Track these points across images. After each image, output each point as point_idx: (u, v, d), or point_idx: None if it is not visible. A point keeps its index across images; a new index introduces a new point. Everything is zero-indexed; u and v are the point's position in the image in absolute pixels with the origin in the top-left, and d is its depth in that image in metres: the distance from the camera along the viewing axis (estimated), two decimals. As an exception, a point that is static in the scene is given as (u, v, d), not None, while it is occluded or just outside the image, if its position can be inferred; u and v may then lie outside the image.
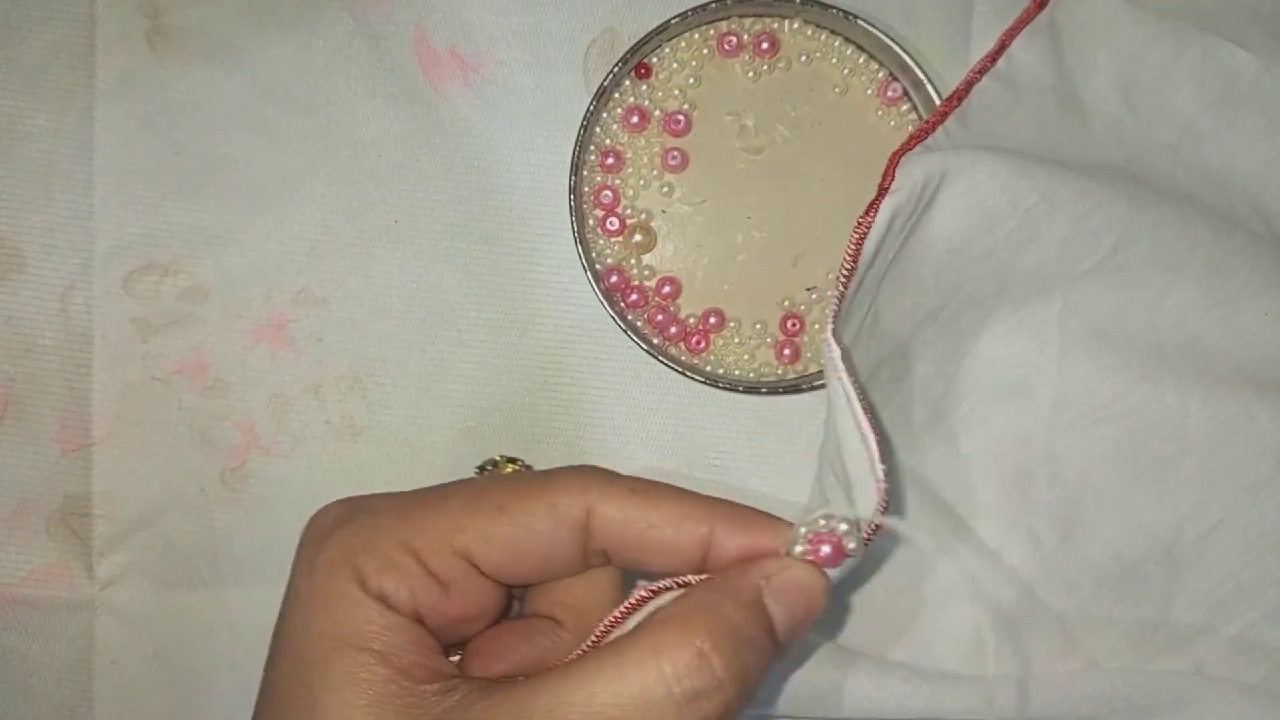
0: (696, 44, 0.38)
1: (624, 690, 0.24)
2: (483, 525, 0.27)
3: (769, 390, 0.38)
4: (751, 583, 0.26)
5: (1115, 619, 0.36)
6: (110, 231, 0.39)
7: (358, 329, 0.40)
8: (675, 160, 0.38)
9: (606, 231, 0.38)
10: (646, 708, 0.24)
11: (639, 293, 0.38)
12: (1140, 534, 0.36)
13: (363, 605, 0.26)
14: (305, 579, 0.27)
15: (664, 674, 0.24)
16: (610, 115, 0.38)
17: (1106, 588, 0.36)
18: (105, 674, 0.40)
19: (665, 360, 0.37)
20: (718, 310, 0.39)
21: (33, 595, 0.40)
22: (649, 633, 0.25)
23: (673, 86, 0.38)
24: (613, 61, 0.38)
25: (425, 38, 0.39)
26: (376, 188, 0.39)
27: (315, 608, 0.27)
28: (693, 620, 0.25)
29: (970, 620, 0.36)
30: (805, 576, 0.26)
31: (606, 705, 0.24)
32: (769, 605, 0.26)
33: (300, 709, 0.26)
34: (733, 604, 0.26)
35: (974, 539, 0.36)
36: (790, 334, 0.38)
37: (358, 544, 0.27)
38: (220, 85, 0.39)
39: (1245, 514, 0.36)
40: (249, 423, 0.40)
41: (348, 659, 0.26)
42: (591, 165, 0.38)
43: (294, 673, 0.26)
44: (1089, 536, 0.36)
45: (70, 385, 0.39)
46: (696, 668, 0.24)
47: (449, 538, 0.27)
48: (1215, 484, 0.35)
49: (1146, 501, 0.36)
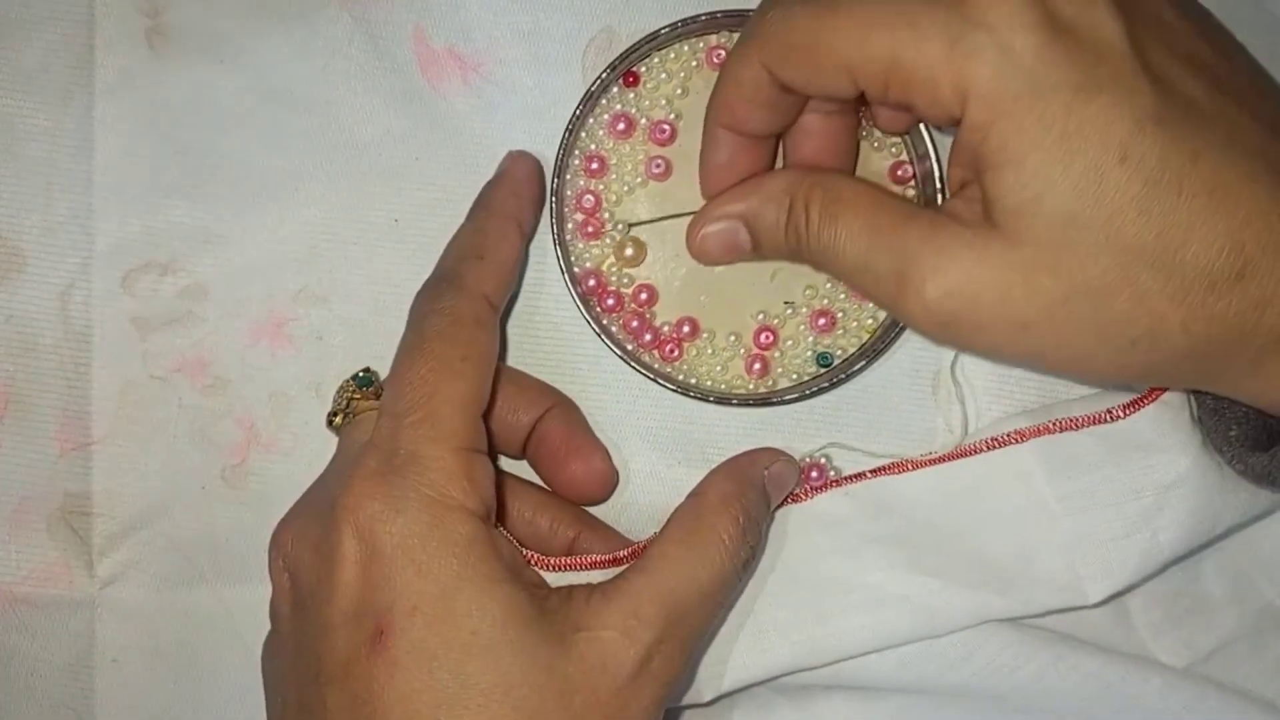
0: (686, 55, 0.38)
1: (703, 564, 0.32)
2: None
3: (739, 402, 0.38)
4: (759, 472, 0.35)
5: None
6: (110, 230, 0.39)
7: (358, 327, 0.40)
8: (659, 168, 0.38)
9: (586, 235, 0.39)
10: (725, 576, 0.33)
11: (616, 298, 0.39)
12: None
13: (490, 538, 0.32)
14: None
15: (726, 545, 0.33)
16: (597, 121, 0.38)
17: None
18: (106, 671, 0.40)
19: (637, 366, 0.38)
20: (692, 320, 0.39)
21: (33, 593, 0.40)
22: (697, 518, 0.33)
23: (660, 96, 0.39)
24: (610, 61, 0.38)
25: (424, 37, 0.39)
26: (376, 186, 0.40)
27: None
28: (731, 505, 0.34)
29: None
30: (789, 470, 0.37)
31: (696, 576, 0.32)
32: (767, 487, 0.35)
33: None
34: (753, 490, 0.35)
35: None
36: (763, 347, 0.39)
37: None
38: (220, 84, 0.39)
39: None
40: (249, 420, 0.40)
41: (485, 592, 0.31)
42: (575, 169, 0.39)
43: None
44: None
45: (70, 384, 0.40)
46: (743, 537, 0.33)
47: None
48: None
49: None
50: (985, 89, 0.28)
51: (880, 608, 0.36)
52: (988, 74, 0.28)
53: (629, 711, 0.31)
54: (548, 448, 0.38)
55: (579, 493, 0.38)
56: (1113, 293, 0.28)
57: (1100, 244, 0.28)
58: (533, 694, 0.30)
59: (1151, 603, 0.39)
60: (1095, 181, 0.27)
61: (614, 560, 0.34)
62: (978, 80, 0.28)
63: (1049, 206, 0.28)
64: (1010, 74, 0.28)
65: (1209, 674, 0.39)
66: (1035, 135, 0.28)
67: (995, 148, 0.28)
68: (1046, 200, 0.28)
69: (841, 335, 0.39)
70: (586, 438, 0.38)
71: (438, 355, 0.32)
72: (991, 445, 0.37)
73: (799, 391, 0.38)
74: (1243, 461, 0.34)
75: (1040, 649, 0.37)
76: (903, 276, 0.30)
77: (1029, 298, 0.29)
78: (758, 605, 0.37)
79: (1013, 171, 0.28)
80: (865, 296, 0.37)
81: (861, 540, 0.37)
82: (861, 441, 0.39)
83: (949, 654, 0.37)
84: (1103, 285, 0.28)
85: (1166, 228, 0.28)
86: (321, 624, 0.31)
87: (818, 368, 0.38)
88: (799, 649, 0.37)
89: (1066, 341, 0.29)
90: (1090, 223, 0.28)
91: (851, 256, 0.31)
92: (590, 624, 0.31)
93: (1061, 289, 0.28)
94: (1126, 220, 0.28)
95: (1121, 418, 0.36)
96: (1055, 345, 0.30)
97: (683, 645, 0.32)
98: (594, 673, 0.30)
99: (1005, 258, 0.29)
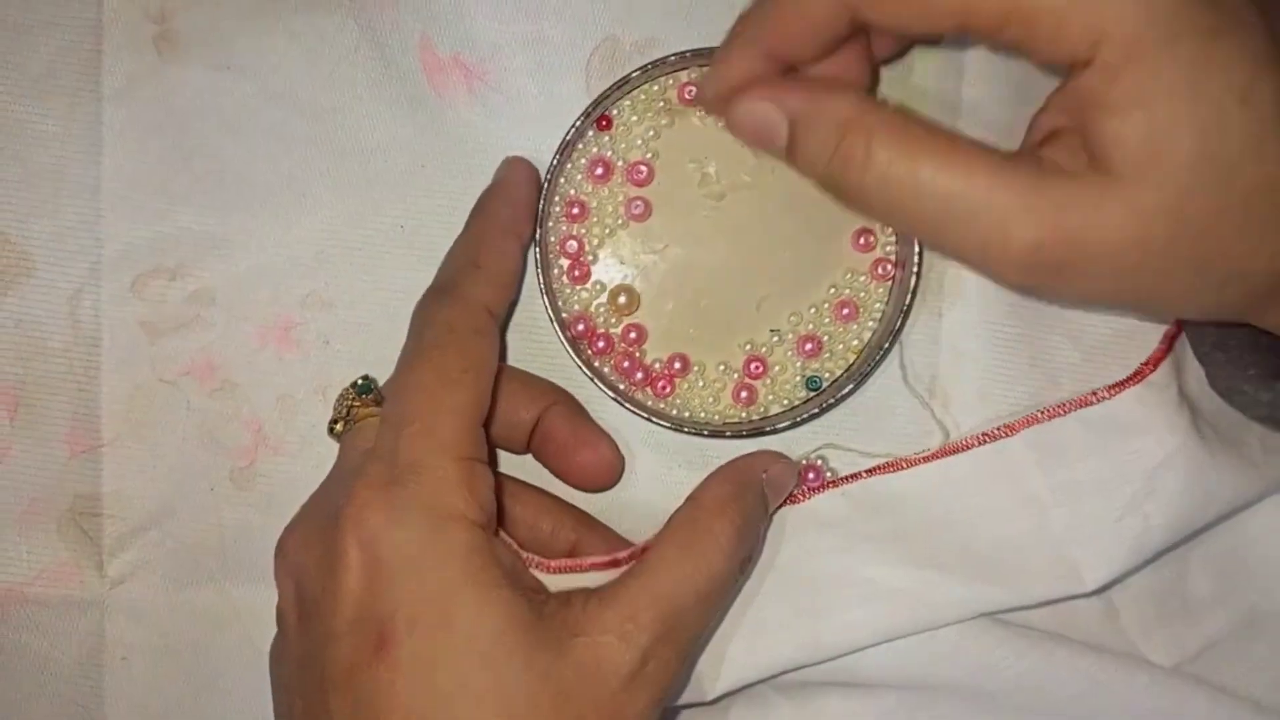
0: (655, 95, 0.39)
1: (700, 568, 0.33)
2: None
3: (733, 434, 0.39)
4: (757, 476, 0.36)
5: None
6: (118, 235, 0.40)
7: (364, 331, 0.40)
8: (639, 209, 0.39)
9: (573, 280, 0.39)
10: (721, 579, 0.33)
11: (606, 340, 0.39)
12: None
13: (490, 544, 0.32)
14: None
15: (723, 548, 0.33)
16: (575, 166, 0.39)
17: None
18: (116, 670, 0.41)
19: (631, 407, 0.38)
20: (683, 355, 0.39)
21: (44, 594, 0.40)
22: (694, 522, 0.34)
23: (634, 137, 0.39)
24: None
25: (430, 45, 0.40)
26: (383, 192, 0.40)
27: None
28: (728, 508, 0.34)
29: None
30: (787, 472, 0.37)
31: (693, 579, 0.33)
32: (765, 490, 0.36)
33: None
34: (750, 494, 0.35)
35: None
36: (753, 376, 0.39)
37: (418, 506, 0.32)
38: (227, 90, 0.40)
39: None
40: (257, 423, 0.40)
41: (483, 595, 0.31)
42: (557, 216, 0.39)
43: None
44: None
45: (79, 387, 0.40)
46: (740, 541, 0.34)
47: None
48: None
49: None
50: (1124, 31, 0.27)
51: (878, 602, 0.37)
52: (1127, 17, 0.27)
53: (625, 715, 0.31)
54: (555, 442, 0.38)
55: (589, 480, 0.39)
56: (1221, 232, 0.28)
57: (1220, 185, 0.28)
58: (530, 699, 0.30)
59: (1140, 603, 0.40)
60: (1219, 124, 0.27)
61: (613, 562, 0.35)
62: (1116, 22, 0.27)
63: (1178, 151, 0.27)
64: (1149, 16, 0.27)
65: (1197, 673, 0.40)
66: (1169, 79, 0.27)
67: (1125, 91, 0.27)
68: (1176, 144, 0.27)
69: (828, 358, 0.39)
70: (591, 428, 0.39)
71: (438, 365, 0.33)
72: (982, 440, 0.38)
73: (791, 418, 0.38)
74: (1269, 390, 0.34)
75: (1032, 647, 0.38)
76: (1003, 224, 0.28)
77: (1143, 241, 0.28)
78: (757, 604, 0.38)
79: (1144, 115, 0.27)
80: (937, 242, 0.31)
81: (858, 538, 0.38)
82: (856, 443, 0.39)
83: (943, 651, 0.38)
84: (1215, 225, 0.28)
85: (1276, 167, 0.28)
86: (326, 632, 0.31)
87: (807, 391, 0.39)
88: (798, 646, 0.37)
89: (1168, 282, 0.29)
90: (1214, 165, 0.27)
91: (937, 201, 0.29)
92: (587, 629, 0.31)
93: (1174, 230, 0.28)
94: (1245, 161, 0.27)
95: (1107, 398, 0.37)
96: (1155, 286, 0.29)
97: (679, 649, 0.32)
98: (590, 677, 0.31)
99: (1125, 204, 0.28)
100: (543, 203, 0.38)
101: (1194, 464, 0.36)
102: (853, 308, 0.39)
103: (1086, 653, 0.39)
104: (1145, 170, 0.28)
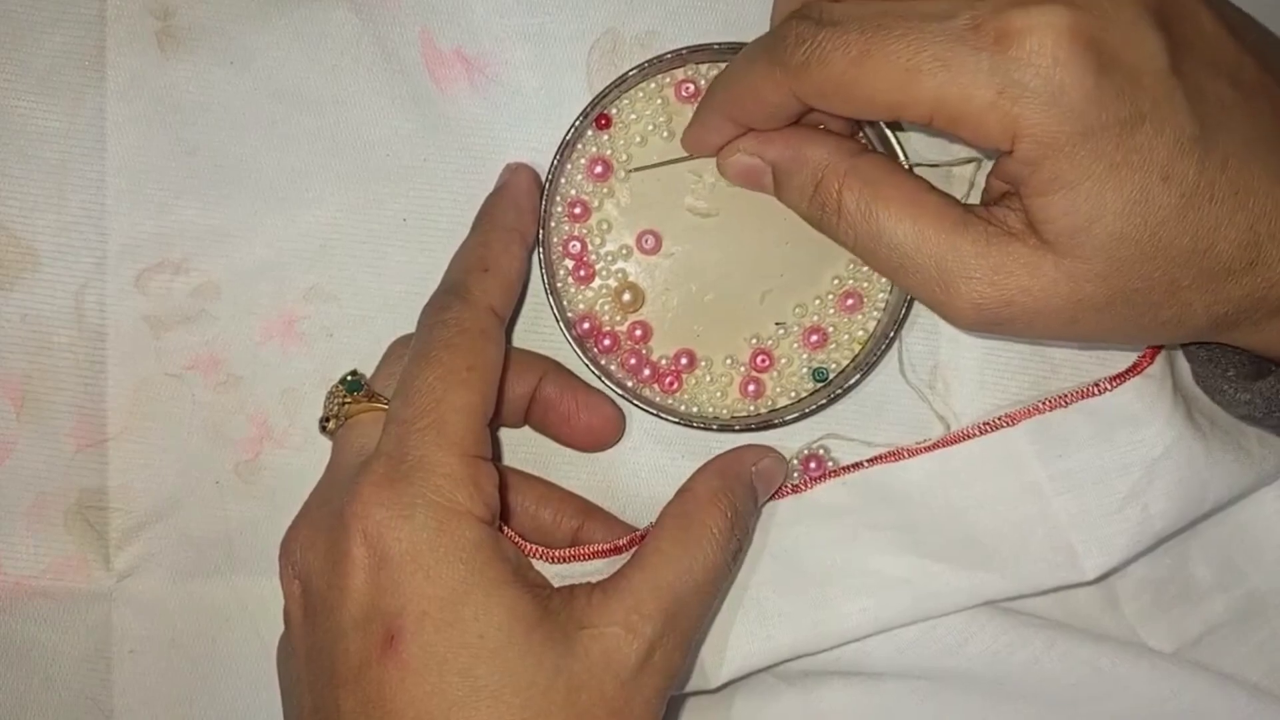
0: (653, 92, 0.39)
1: (697, 559, 0.33)
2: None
3: (742, 428, 0.39)
4: (746, 469, 0.36)
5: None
6: (123, 230, 0.40)
7: (367, 325, 0.41)
8: (650, 244, 0.39)
9: (578, 280, 0.39)
10: (717, 570, 0.34)
11: (612, 338, 0.39)
12: None
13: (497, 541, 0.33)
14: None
15: (716, 540, 0.34)
16: (575, 166, 0.39)
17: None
18: (123, 662, 0.41)
19: (639, 403, 0.38)
20: (689, 350, 0.40)
21: (51, 587, 0.41)
22: (687, 515, 0.34)
23: (633, 134, 0.39)
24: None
25: (431, 39, 0.40)
26: (385, 186, 0.40)
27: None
28: (720, 500, 0.35)
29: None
30: (776, 466, 0.38)
31: (691, 571, 0.33)
32: (755, 483, 0.37)
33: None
34: (740, 486, 0.36)
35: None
36: (760, 369, 0.39)
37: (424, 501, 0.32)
38: (230, 85, 0.40)
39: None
40: (262, 416, 0.41)
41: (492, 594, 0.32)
42: (559, 217, 0.39)
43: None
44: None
45: (85, 382, 0.40)
46: (732, 533, 0.34)
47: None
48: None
49: None
50: (1036, 131, 0.29)
51: (881, 591, 0.37)
52: (1038, 118, 0.29)
53: (634, 704, 0.32)
54: (555, 410, 0.39)
55: (595, 441, 0.40)
56: (1152, 292, 0.30)
57: (1145, 255, 0.30)
58: (540, 693, 0.31)
59: (1140, 590, 0.40)
60: (1142, 202, 0.29)
61: (615, 549, 0.35)
62: (1029, 123, 0.29)
63: (1100, 228, 0.29)
64: (1060, 116, 0.29)
65: (1197, 658, 0.40)
66: (1086, 167, 0.29)
67: (1047, 178, 0.29)
68: (1098, 223, 0.29)
69: (834, 349, 0.39)
70: (588, 392, 0.39)
71: (445, 365, 0.33)
72: (984, 430, 0.38)
73: (799, 410, 0.38)
74: (1246, 390, 0.35)
75: (1034, 635, 0.39)
76: (949, 281, 0.31)
77: (1079, 302, 0.31)
78: (760, 594, 0.38)
79: (1065, 198, 0.29)
80: (897, 283, 0.35)
81: (860, 527, 0.38)
82: (859, 433, 0.39)
83: (946, 640, 0.38)
84: (1145, 287, 0.30)
85: (1200, 232, 0.30)
86: (333, 630, 0.32)
87: (814, 383, 0.39)
88: (801, 634, 0.38)
89: (1109, 331, 0.32)
90: (1138, 238, 0.30)
91: (893, 251, 0.32)
92: (593, 621, 0.32)
93: (1107, 293, 0.30)
94: (1167, 231, 0.29)
95: (1109, 390, 0.37)
96: (1097, 333, 0.32)
97: (682, 637, 0.33)
98: (599, 668, 0.31)
99: (1058, 269, 0.30)
100: (544, 204, 0.38)
101: (1192, 455, 0.37)
102: (857, 298, 0.39)
103: (1088, 640, 0.39)
104: (1073, 243, 0.30)
